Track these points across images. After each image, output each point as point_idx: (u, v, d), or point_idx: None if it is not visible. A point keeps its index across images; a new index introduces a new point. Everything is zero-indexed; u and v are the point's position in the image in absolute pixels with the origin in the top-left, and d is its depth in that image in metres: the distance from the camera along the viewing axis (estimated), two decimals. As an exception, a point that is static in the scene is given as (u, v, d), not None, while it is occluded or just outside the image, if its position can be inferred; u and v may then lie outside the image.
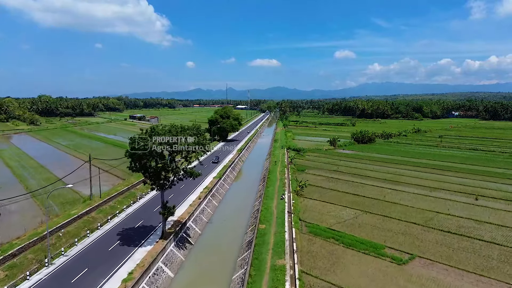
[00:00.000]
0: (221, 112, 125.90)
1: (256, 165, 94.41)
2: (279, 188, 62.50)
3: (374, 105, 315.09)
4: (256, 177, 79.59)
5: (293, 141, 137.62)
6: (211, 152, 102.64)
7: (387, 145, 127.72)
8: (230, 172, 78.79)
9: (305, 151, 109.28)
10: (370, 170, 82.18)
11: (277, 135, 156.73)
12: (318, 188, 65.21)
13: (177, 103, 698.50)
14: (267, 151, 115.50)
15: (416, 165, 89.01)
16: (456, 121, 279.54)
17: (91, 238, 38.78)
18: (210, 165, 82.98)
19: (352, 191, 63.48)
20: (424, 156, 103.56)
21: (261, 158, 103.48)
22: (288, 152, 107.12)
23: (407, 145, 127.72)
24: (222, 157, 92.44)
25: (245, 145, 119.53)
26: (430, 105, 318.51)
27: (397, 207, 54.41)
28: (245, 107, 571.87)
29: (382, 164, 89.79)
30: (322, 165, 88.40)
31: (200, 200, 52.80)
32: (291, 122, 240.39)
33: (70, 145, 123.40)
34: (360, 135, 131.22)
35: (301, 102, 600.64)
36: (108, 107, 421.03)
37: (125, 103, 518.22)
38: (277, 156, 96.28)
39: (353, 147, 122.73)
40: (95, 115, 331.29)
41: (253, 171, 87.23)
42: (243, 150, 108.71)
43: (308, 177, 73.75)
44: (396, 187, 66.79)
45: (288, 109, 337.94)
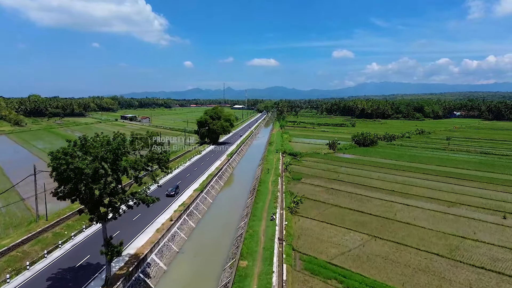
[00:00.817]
0: (211, 113, 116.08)
1: (247, 173, 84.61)
2: (271, 203, 52.80)
3: (374, 105, 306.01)
4: (245, 188, 69.77)
5: (289, 143, 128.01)
6: (199, 158, 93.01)
7: (391, 148, 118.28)
8: (216, 182, 68.97)
9: (302, 155, 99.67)
10: (375, 179, 72.60)
11: (273, 137, 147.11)
12: (316, 202, 55.56)
13: (174, 102, 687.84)
14: (260, 156, 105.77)
15: (425, 172, 79.51)
16: (459, 121, 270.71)
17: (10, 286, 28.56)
18: (193, 173, 73.22)
19: (356, 206, 53.85)
20: (433, 161, 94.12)
21: (254, 164, 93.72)
22: (284, 156, 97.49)
23: (412, 148, 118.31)
24: (207, 165, 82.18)
25: (237, 148, 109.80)
26: (431, 105, 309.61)
27: (412, 229, 44.79)
28: (242, 107, 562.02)
29: (387, 171, 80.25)
30: (321, 172, 78.79)
31: (172, 223, 42.95)
32: (288, 122, 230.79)
33: (46, 148, 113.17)
34: (361, 137, 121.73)
35: (299, 102, 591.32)
36: (101, 107, 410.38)
37: (119, 103, 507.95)
38: (270, 162, 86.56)
39: (354, 150, 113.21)
40: (86, 115, 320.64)
41: (242, 180, 77.40)
42: (234, 154, 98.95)
43: (304, 188, 64.14)
44: (407, 201, 57.21)
45: (286, 109, 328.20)
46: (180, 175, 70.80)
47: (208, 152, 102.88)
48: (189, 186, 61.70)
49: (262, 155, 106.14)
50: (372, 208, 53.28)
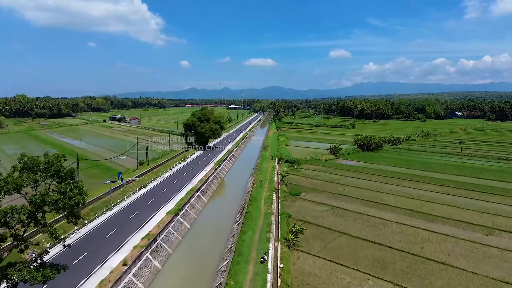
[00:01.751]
0: (199, 114, 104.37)
1: (236, 185, 72.97)
2: (262, 232, 41.43)
3: (374, 105, 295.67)
4: (233, 206, 58.05)
5: (286, 147, 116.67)
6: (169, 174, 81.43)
7: (398, 154, 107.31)
8: (198, 199, 57.35)
9: (301, 162, 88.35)
10: (387, 193, 61.42)
11: (268, 139, 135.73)
12: (320, 229, 44.22)
13: (169, 102, 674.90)
14: (254, 163, 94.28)
15: (443, 183, 68.46)
16: (462, 122, 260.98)
17: None
18: (172, 187, 61.57)
19: (370, 235, 42.55)
20: (448, 169, 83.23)
21: (245, 174, 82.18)
22: (280, 164, 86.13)
23: (422, 154, 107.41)
24: (190, 176, 70.30)
25: (227, 154, 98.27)
26: (432, 105, 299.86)
27: (451, 273, 33.60)
28: (238, 107, 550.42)
29: (399, 183, 69.13)
30: (323, 184, 67.51)
31: (125, 269, 31.28)
32: (285, 124, 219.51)
33: (15, 154, 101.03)
34: (365, 141, 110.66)
35: (296, 101, 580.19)
36: (91, 107, 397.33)
37: (112, 103, 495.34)
38: (264, 171, 75.09)
39: (358, 156, 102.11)
40: (74, 116, 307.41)
41: (230, 196, 65.61)
42: (223, 161, 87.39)
43: (305, 207, 52.83)
44: (433, 225, 46.04)
45: (283, 109, 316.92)
46: (154, 191, 59.14)
47: (195, 159, 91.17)
48: (161, 207, 49.98)
49: (255, 161, 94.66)
50: (391, 237, 42.03)
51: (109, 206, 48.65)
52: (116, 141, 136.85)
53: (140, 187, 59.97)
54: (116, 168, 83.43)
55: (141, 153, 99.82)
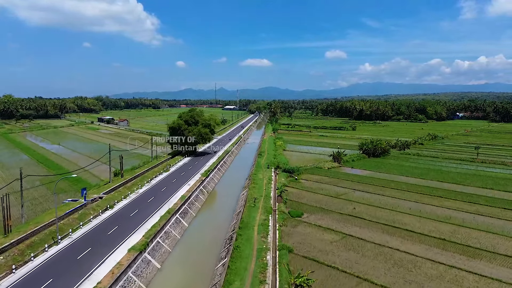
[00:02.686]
0: (186, 117, 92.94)
1: (226, 203, 61.42)
2: (254, 281, 30.37)
3: (373, 106, 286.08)
4: (218, 235, 46.33)
5: (283, 153, 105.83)
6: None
7: (407, 160, 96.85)
8: (175, 225, 45.96)
9: (301, 171, 77.47)
10: (407, 214, 50.69)
11: (264, 144, 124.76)
12: (331, 272, 33.31)
13: (163, 103, 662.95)
14: (247, 172, 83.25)
15: (471, 200, 57.84)
16: (465, 123, 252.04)
17: None
18: (144, 208, 50.25)
19: (399, 282, 31.68)
20: (469, 179, 72.80)
21: (237, 187, 70.96)
22: (277, 174, 75.17)
23: (434, 160, 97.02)
24: (169, 192, 58.80)
25: (218, 161, 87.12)
26: (434, 106, 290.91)
27: None
28: (234, 108, 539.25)
29: (419, 198, 58.49)
30: (328, 201, 56.68)
31: None
32: (281, 125, 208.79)
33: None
34: (371, 146, 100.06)
35: (292, 102, 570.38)
36: (82, 108, 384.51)
37: (104, 104, 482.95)
38: (259, 184, 64.01)
39: (364, 163, 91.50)
40: (62, 117, 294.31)
41: (216, 220, 53.51)
42: (212, 171, 76.23)
43: (309, 236, 41.92)
44: (477, 265, 35.32)
45: (279, 110, 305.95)
46: (122, 214, 47.75)
47: (180, 168, 79.84)
48: (124, 240, 38.63)
49: (249, 170, 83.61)
50: (427, 285, 31.17)
51: (55, 239, 37.33)
52: (99, 146, 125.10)
53: (105, 208, 48.67)
54: (89, 179, 72.10)
55: (125, 161, 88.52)
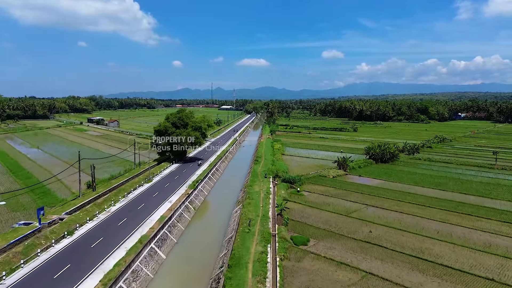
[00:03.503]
0: (174, 119, 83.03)
1: (214, 225, 51.14)
2: None
3: (374, 106, 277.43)
4: (202, 274, 36.55)
5: (282, 158, 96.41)
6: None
7: (420, 166, 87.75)
8: (146, 260, 36.06)
9: (303, 181, 67.95)
10: (437, 239, 41.41)
11: (261, 147, 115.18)
12: None
13: (158, 103, 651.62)
14: (242, 181, 73.71)
15: (509, 219, 48.63)
16: (469, 124, 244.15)
17: None
18: (113, 233, 40.57)
19: None
20: (496, 191, 63.73)
21: (230, 201, 61.29)
22: (276, 184, 65.66)
23: (449, 166, 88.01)
24: (148, 210, 48.83)
25: (209, 169, 77.48)
26: (436, 106, 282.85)
27: None
28: (231, 108, 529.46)
29: (445, 217, 49.21)
30: (338, 221, 47.27)
31: None
32: (279, 126, 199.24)
33: None
34: (378, 150, 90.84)
35: (290, 102, 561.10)
36: (74, 108, 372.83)
37: (98, 104, 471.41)
38: (255, 200, 54.44)
39: (372, 170, 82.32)
40: (51, 117, 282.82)
41: (202, 248, 43.57)
42: (201, 182, 66.52)
43: (318, 273, 32.50)
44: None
45: (277, 110, 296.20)
46: (81, 243, 37.97)
47: (165, 178, 70.03)
48: (80, 281, 29.00)
49: (244, 180, 74.07)
50: None
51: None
52: (82, 149, 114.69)
53: (62, 235, 38.93)
54: (58, 192, 62.25)
55: (107, 168, 78.57)
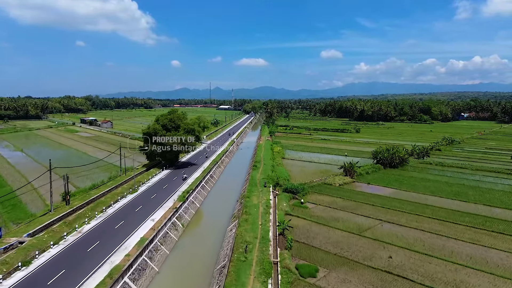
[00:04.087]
0: (165, 121, 75.74)
1: (204, 247, 44.35)
2: None
3: (375, 106, 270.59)
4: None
5: (283, 162, 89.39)
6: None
7: (432, 172, 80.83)
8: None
9: (306, 191, 60.79)
10: (472, 268, 34.41)
11: (260, 150, 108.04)
12: None
13: (156, 103, 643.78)
14: (239, 191, 66.58)
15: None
16: (473, 124, 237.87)
17: None
18: (79, 258, 33.44)
19: None
20: (523, 202, 56.89)
21: (224, 216, 54.07)
22: (277, 195, 58.56)
23: (464, 172, 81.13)
24: (126, 230, 41.64)
25: (203, 175, 70.38)
26: (438, 106, 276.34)
27: None
28: (229, 107, 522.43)
29: (474, 236, 42.23)
30: (350, 242, 40.19)
31: None
32: (279, 127, 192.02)
33: None
34: (387, 154, 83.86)
35: (289, 102, 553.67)
36: (68, 108, 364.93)
37: (94, 103, 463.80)
38: (253, 215, 47.31)
39: (382, 176, 75.37)
40: (43, 117, 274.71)
41: (187, 283, 36.53)
42: (193, 192, 59.31)
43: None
44: None
45: (276, 110, 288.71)
46: (38, 279, 30.76)
47: (152, 187, 62.77)
48: None
49: (241, 189, 66.93)
50: None
51: None
52: (68, 153, 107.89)
53: (16, 266, 31.71)
54: (30, 204, 55.07)
55: (92, 174, 71.13)
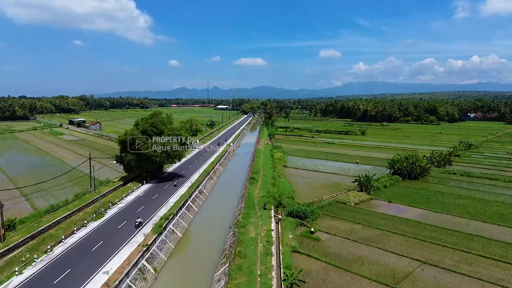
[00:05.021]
0: (146, 125, 63.52)
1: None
2: None
3: (379, 106, 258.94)
4: None
5: (284, 172, 77.50)
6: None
7: (460, 185, 68.97)
8: None
9: (316, 214, 48.68)
10: None
11: (259, 156, 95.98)
12: None
13: (152, 102, 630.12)
14: (232, 214, 54.51)
15: None
16: (481, 125, 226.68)
17: None
18: None
19: None
20: None
21: (211, 256, 41.98)
22: (280, 220, 46.52)
23: (497, 185, 69.34)
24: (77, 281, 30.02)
25: (189, 192, 58.29)
26: (445, 106, 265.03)
27: None
28: (227, 107, 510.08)
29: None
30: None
31: None
32: (279, 129, 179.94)
33: None
34: (406, 164, 72.03)
35: (288, 101, 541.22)
36: (60, 108, 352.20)
37: (88, 103, 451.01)
38: (250, 256, 35.30)
39: (401, 191, 63.59)
40: (31, 118, 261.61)
41: None
42: (172, 219, 47.16)
43: None
44: None
45: (275, 110, 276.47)
46: None
47: (125, 209, 50.52)
48: None
49: (234, 212, 54.88)
50: None
51: None
52: (43, 161, 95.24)
53: None
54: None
55: (61, 190, 58.71)
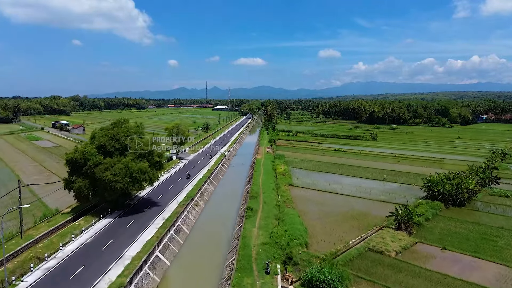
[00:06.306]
0: (104, 138, 46.59)
1: None
2: None
3: (387, 107, 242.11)
4: None
5: (291, 194, 60.76)
6: None
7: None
8: None
9: (344, 279, 31.89)
10: None
11: (258, 171, 79.23)
12: None
13: (149, 103, 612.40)
14: (216, 281, 37.70)
15: None
16: (498, 128, 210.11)
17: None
18: None
19: None
20: None
21: None
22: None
23: None
24: None
25: (161, 235, 41.39)
26: (457, 107, 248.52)
27: None
28: (225, 108, 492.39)
29: None
30: None
31: None
32: (280, 133, 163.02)
33: None
34: (449, 187, 55.28)
35: (288, 102, 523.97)
36: (49, 109, 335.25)
37: (82, 104, 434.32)
38: None
39: (450, 226, 46.97)
40: (15, 120, 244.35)
41: None
42: (132, 282, 30.27)
43: None
44: None
45: (275, 111, 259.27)
46: None
47: (51, 273, 33.62)
48: None
49: (222, 272, 38.15)
50: None
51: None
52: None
53: None
54: None
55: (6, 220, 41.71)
